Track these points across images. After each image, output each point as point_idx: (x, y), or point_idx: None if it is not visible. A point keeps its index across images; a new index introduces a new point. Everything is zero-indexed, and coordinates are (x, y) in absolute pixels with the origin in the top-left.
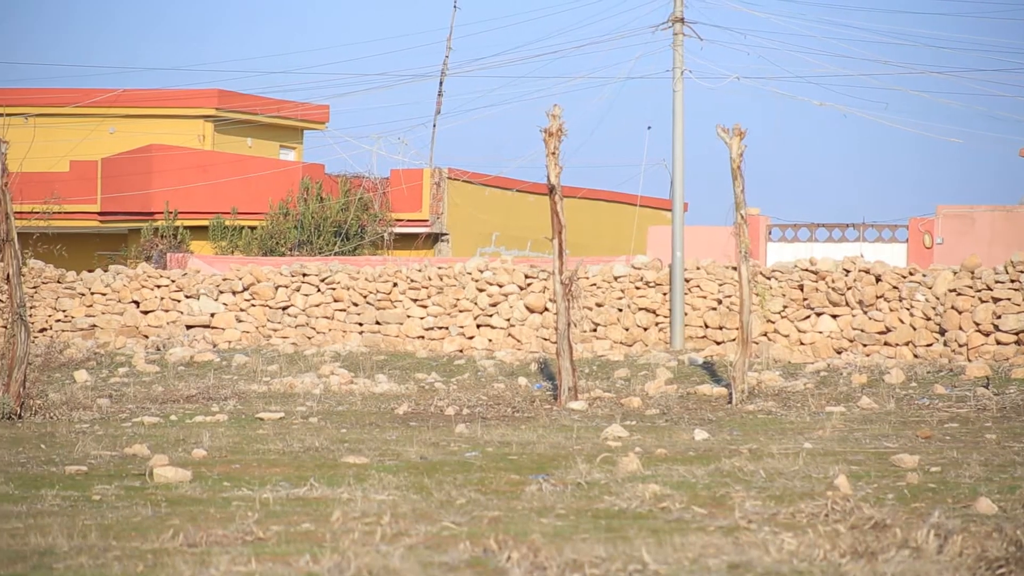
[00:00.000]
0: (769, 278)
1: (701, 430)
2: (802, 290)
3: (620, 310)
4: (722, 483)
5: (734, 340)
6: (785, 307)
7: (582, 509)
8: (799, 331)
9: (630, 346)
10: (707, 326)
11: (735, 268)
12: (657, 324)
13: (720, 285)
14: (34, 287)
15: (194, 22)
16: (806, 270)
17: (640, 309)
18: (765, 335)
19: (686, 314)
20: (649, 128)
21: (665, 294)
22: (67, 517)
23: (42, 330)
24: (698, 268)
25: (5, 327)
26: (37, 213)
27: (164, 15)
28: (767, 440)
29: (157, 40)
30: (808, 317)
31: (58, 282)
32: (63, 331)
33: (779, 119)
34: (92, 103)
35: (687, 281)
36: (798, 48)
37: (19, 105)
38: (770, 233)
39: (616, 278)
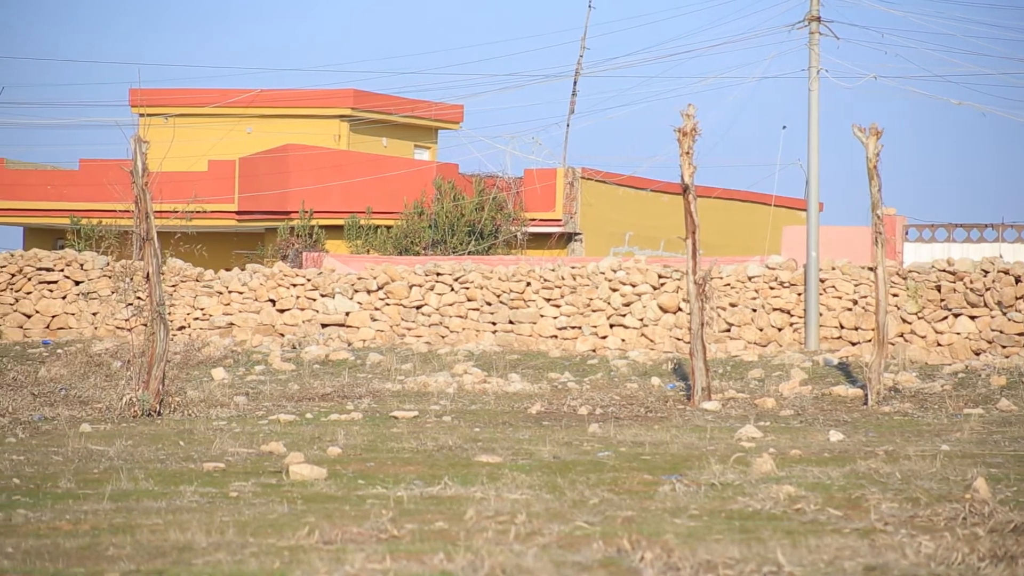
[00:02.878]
0: (905, 279)
1: (836, 431)
2: (939, 291)
3: (754, 310)
4: (857, 485)
5: (869, 341)
6: (922, 308)
7: (715, 510)
8: (936, 332)
9: (764, 346)
10: (842, 327)
11: (871, 268)
12: (791, 324)
13: (855, 285)
14: (173, 285)
15: (331, 23)
16: (943, 271)
17: (774, 309)
18: (901, 336)
19: (821, 314)
20: (784, 128)
21: (800, 294)
22: (205, 513)
23: (181, 328)
24: (833, 268)
25: (145, 325)
26: (176, 212)
27: (303, 17)
28: (903, 442)
29: (295, 41)
30: (945, 318)
31: (196, 280)
32: (201, 329)
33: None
34: (230, 103)
35: (822, 281)
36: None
37: (159, 105)
38: (907, 233)
39: (750, 278)
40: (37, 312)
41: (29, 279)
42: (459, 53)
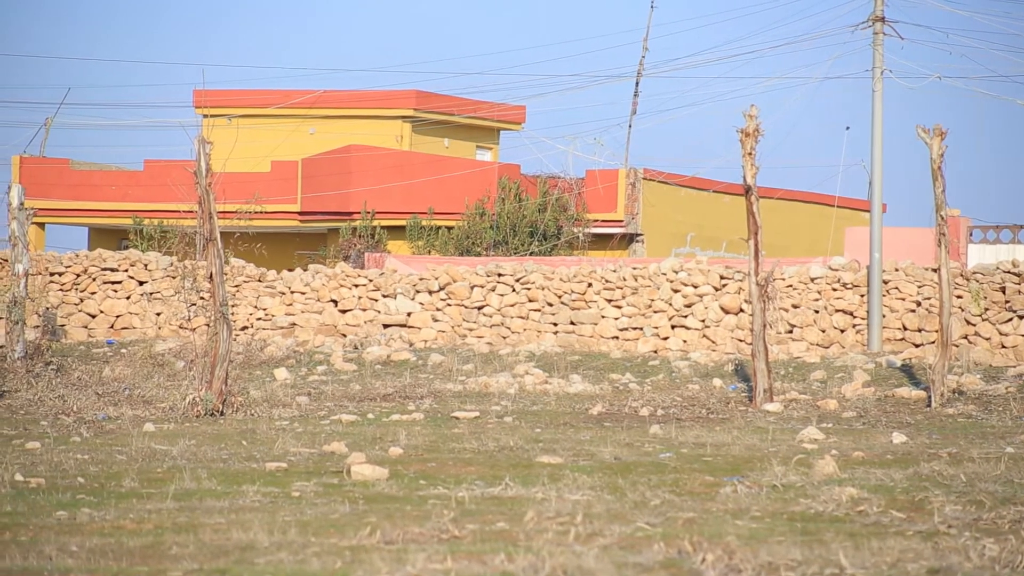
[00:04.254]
0: (969, 280)
1: (899, 433)
2: (1004, 292)
3: (816, 312)
4: (921, 487)
5: (933, 343)
6: (986, 310)
7: (777, 512)
8: (1000, 334)
9: (826, 348)
10: (905, 328)
11: (934, 270)
12: (854, 326)
13: (919, 287)
14: (236, 286)
15: (394, 24)
16: (1008, 272)
17: (837, 311)
18: (965, 338)
19: (884, 316)
20: (848, 128)
21: (862, 296)
22: (267, 513)
23: (243, 328)
24: (896, 270)
25: (208, 325)
26: (239, 213)
27: (367, 18)
28: (967, 444)
29: (359, 42)
30: (1010, 320)
31: (259, 281)
32: (263, 329)
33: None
34: (293, 104)
35: (885, 283)
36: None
37: (223, 106)
38: (971, 235)
39: (812, 279)
40: (101, 312)
41: (94, 279)
42: (521, 54)
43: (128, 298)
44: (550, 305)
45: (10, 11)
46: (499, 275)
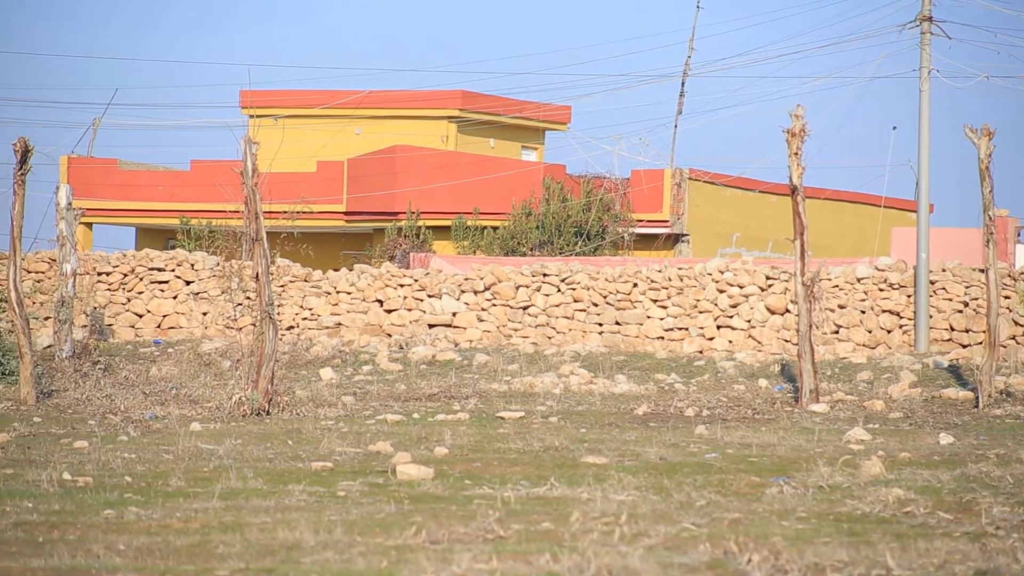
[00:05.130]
0: (1017, 280)
1: (946, 434)
2: None
3: (863, 312)
4: (968, 488)
5: (980, 343)
6: None
7: (824, 512)
8: None
9: (873, 348)
10: (952, 329)
11: (982, 270)
12: (901, 326)
13: (966, 287)
14: (282, 286)
15: (440, 24)
16: None
17: (883, 311)
18: (1013, 338)
19: (931, 316)
20: (895, 128)
21: (909, 296)
22: (313, 512)
23: (289, 328)
24: (943, 270)
25: (254, 324)
26: (285, 213)
27: (413, 18)
28: (1015, 445)
29: (404, 42)
30: None
31: (305, 281)
32: (309, 329)
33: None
34: (339, 105)
35: (932, 283)
36: None
37: (269, 107)
38: (1019, 235)
39: (859, 280)
40: (148, 312)
41: (141, 279)
42: (567, 54)
43: (175, 298)
44: (595, 305)
45: (59, 12)
46: (544, 275)
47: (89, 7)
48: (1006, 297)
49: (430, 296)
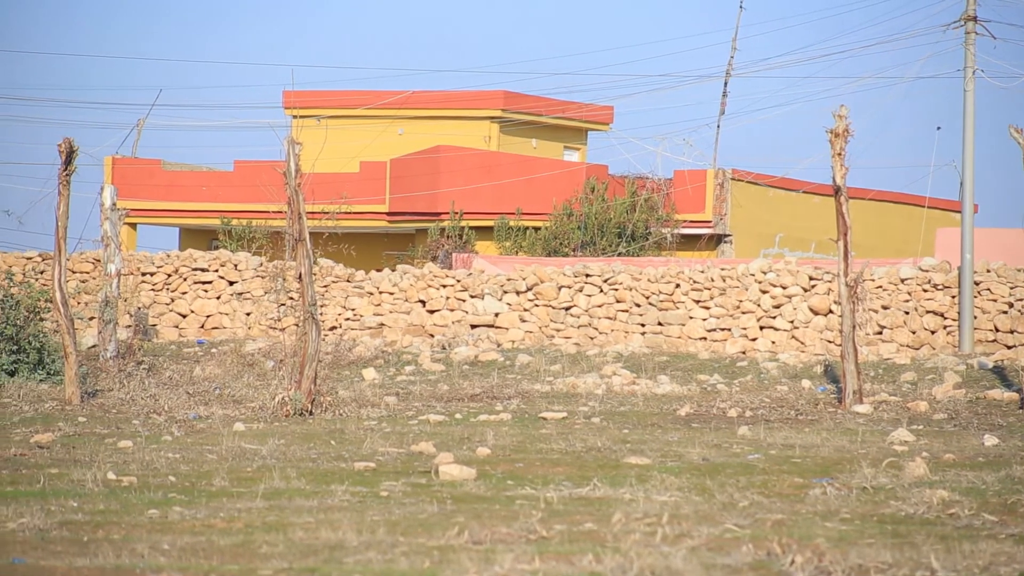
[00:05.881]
0: None
1: (991, 436)
2: None
3: (906, 313)
4: (1013, 490)
5: None
6: None
7: (867, 514)
8: None
9: (916, 349)
10: (997, 330)
11: None
12: (945, 327)
13: (1011, 288)
14: (324, 286)
15: (482, 24)
16: None
17: (927, 312)
18: None
19: (975, 317)
20: (939, 129)
21: (953, 297)
22: (356, 512)
23: (332, 328)
24: (988, 271)
25: (297, 325)
26: (328, 213)
27: (455, 19)
28: None
29: (446, 42)
30: None
31: (347, 281)
32: (352, 329)
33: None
34: (382, 105)
35: (976, 284)
36: None
37: (312, 107)
38: None
39: (903, 280)
40: (192, 312)
41: (184, 279)
42: (610, 54)
43: (218, 298)
44: (638, 306)
45: (104, 13)
46: (587, 276)
47: (134, 8)
48: None
49: (472, 296)
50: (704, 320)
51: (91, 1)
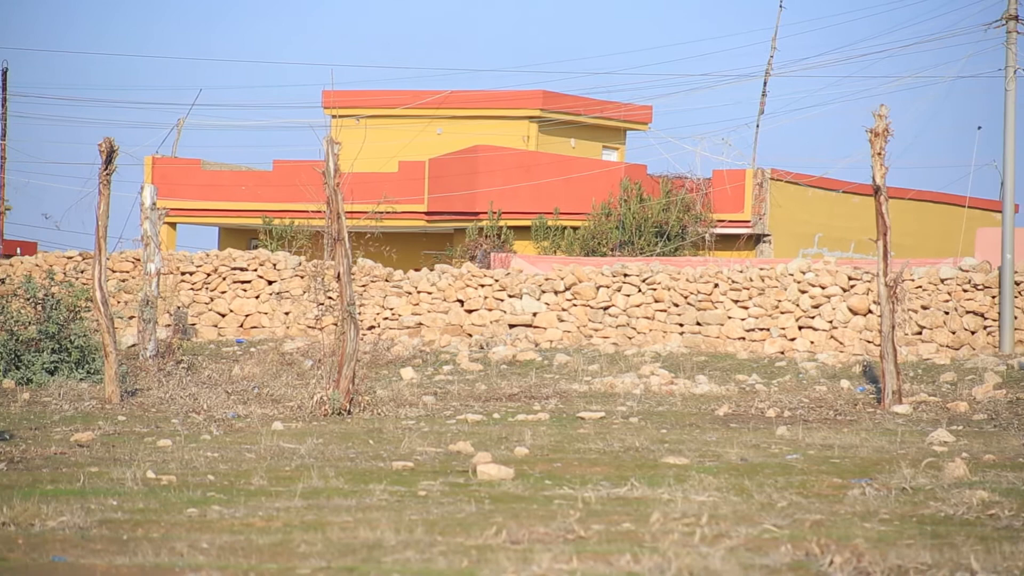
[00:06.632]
0: None
1: None
2: None
3: (946, 313)
4: None
5: None
6: None
7: (906, 514)
8: None
9: (956, 350)
10: None
11: None
12: (985, 328)
13: None
14: (363, 285)
15: (521, 24)
16: None
17: (967, 312)
18: None
19: (1015, 318)
20: (979, 128)
21: (994, 297)
22: (394, 512)
23: (370, 327)
24: None
25: (336, 324)
26: (367, 213)
27: (491, 18)
28: None
29: (485, 42)
30: None
31: (386, 280)
32: (390, 328)
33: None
34: (421, 105)
35: (1017, 284)
36: None
37: (351, 107)
38: None
39: (942, 280)
40: (231, 311)
41: (224, 278)
42: (648, 54)
43: (257, 297)
44: (676, 306)
45: (145, 13)
46: (625, 275)
47: (173, 8)
48: None
49: (511, 296)
50: (743, 320)
51: (133, 1)
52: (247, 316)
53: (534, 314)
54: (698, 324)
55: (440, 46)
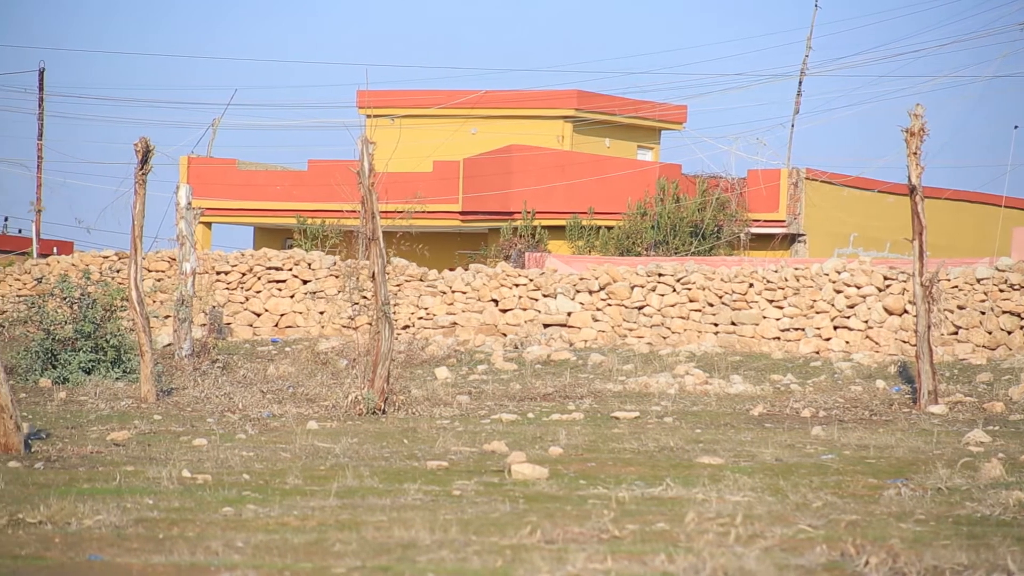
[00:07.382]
0: None
1: None
2: None
3: (983, 313)
4: None
5: None
6: None
7: (942, 515)
8: None
9: (993, 350)
10: None
11: None
12: (1021, 328)
13: None
14: (397, 285)
15: (557, 24)
16: None
17: (1004, 312)
18: None
19: None
20: (1016, 128)
21: None
22: (429, 511)
23: (405, 327)
24: None
25: (370, 324)
26: (401, 212)
27: (527, 18)
28: None
29: (520, 42)
30: None
31: (420, 280)
32: (424, 328)
33: None
34: (455, 104)
35: None
36: None
37: (386, 107)
38: None
39: (979, 280)
40: (266, 311)
41: (259, 278)
42: (683, 53)
43: (292, 297)
44: (711, 305)
45: (179, 14)
46: (659, 275)
47: (208, 9)
48: None
49: (545, 296)
50: (777, 320)
51: (167, 2)
52: (282, 315)
53: (568, 314)
54: (733, 324)
55: (475, 46)
